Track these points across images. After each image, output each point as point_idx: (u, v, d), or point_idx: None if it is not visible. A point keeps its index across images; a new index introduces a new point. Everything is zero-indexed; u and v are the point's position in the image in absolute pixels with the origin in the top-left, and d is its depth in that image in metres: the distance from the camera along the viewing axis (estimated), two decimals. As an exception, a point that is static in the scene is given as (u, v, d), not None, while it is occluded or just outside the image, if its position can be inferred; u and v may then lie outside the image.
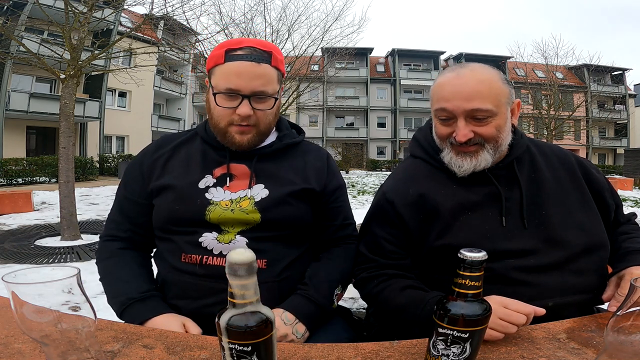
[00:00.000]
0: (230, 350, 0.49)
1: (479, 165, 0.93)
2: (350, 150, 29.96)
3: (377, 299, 0.95)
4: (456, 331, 0.56)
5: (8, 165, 12.94)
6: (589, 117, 26.94)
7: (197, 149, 1.06)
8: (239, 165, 1.02)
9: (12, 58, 7.74)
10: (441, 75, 0.95)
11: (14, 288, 0.50)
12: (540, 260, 0.88)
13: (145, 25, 6.41)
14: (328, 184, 1.07)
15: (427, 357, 0.60)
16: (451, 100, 0.90)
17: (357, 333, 1.06)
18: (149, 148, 1.10)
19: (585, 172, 1.02)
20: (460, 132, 0.90)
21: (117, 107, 20.30)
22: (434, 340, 0.58)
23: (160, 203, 1.00)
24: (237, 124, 0.98)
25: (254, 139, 1.01)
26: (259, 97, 0.96)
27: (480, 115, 0.89)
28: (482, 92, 0.88)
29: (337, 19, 11.53)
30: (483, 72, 0.91)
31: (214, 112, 0.99)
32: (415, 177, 1.01)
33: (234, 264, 0.47)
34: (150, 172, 1.04)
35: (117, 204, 1.08)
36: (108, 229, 1.08)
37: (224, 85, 0.95)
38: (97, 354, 0.55)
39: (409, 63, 32.19)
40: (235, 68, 0.94)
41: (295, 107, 17.68)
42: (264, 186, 1.00)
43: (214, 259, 0.93)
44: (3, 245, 4.98)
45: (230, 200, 0.97)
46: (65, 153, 5.29)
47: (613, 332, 0.50)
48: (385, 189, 1.03)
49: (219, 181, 1.00)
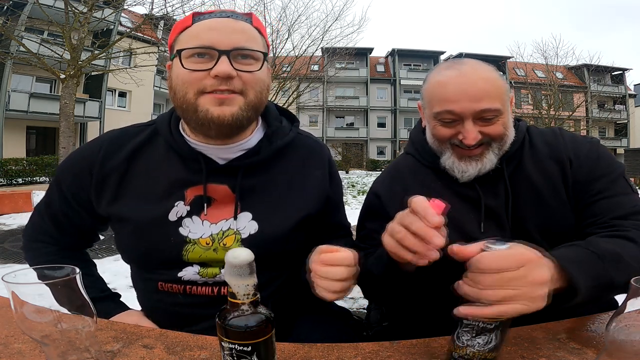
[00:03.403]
0: (230, 350, 0.49)
1: (484, 168, 0.86)
2: (350, 150, 29.98)
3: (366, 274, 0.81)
4: (482, 322, 0.56)
5: (8, 165, 12.96)
6: (589, 117, 26.94)
7: (161, 160, 0.82)
8: (218, 187, 0.81)
9: (12, 58, 7.76)
10: (437, 74, 0.87)
11: (14, 288, 0.50)
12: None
13: (145, 25, 6.42)
14: (331, 197, 0.93)
15: (452, 349, 0.60)
16: (458, 102, 0.83)
17: (357, 333, 1.06)
18: (94, 152, 0.84)
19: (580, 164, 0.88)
20: (470, 135, 0.83)
21: (117, 107, 20.32)
22: (459, 332, 0.58)
23: (121, 238, 0.83)
24: (211, 91, 0.73)
25: (240, 114, 0.75)
26: (242, 54, 0.74)
27: (489, 116, 0.83)
28: (489, 91, 0.83)
29: (337, 19, 11.59)
30: (484, 69, 0.86)
31: (178, 81, 0.74)
32: (401, 173, 0.99)
33: (233, 264, 0.47)
34: (100, 191, 0.82)
35: (48, 212, 0.89)
36: (33, 231, 0.92)
37: (192, 44, 0.73)
38: (97, 354, 0.55)
39: (409, 63, 32.21)
40: (210, 24, 0.74)
41: (295, 107, 17.66)
42: (252, 216, 0.81)
43: (198, 289, 0.81)
44: (3, 245, 4.98)
45: (211, 238, 0.79)
46: (65, 153, 5.30)
47: (613, 332, 0.50)
48: (374, 184, 1.02)
49: (194, 207, 0.80)
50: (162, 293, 0.82)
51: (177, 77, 0.75)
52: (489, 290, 0.54)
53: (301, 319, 0.93)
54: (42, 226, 0.91)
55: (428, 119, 0.91)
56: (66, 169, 0.87)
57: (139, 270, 0.87)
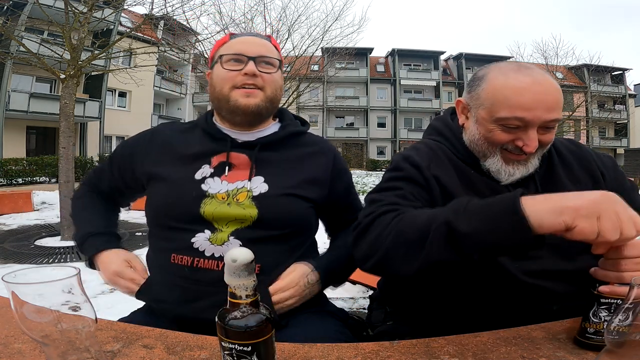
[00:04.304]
0: (230, 350, 0.49)
1: (527, 171, 0.87)
2: (350, 150, 30.01)
3: (395, 227, 0.74)
4: (620, 300, 0.59)
5: (8, 165, 12.96)
6: (589, 117, 26.92)
7: (197, 138, 1.03)
8: (239, 155, 0.99)
9: (12, 58, 7.75)
10: (505, 76, 0.84)
11: (14, 288, 0.50)
12: (545, 265, 0.85)
13: (145, 25, 6.42)
14: (335, 185, 1.04)
15: (585, 326, 0.64)
16: (532, 110, 0.80)
17: (356, 333, 1.06)
18: (145, 133, 1.09)
19: (607, 170, 0.96)
20: (533, 143, 0.82)
21: (117, 107, 20.31)
22: (595, 310, 0.63)
23: (153, 195, 0.98)
24: (241, 87, 0.96)
25: (261, 104, 0.98)
26: (264, 61, 0.99)
27: (553, 125, 0.83)
28: (560, 101, 0.83)
29: (337, 19, 11.55)
30: (550, 77, 0.84)
31: (218, 79, 0.99)
32: (440, 158, 0.93)
33: (233, 264, 0.47)
34: (143, 157, 1.02)
35: (99, 171, 1.14)
36: (88, 179, 1.16)
37: (230, 52, 0.98)
38: (97, 354, 0.55)
39: (409, 63, 32.19)
40: (242, 39, 1.01)
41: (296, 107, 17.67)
42: (264, 180, 0.96)
43: (205, 262, 0.90)
44: (3, 245, 4.98)
45: (226, 193, 0.93)
46: (65, 153, 5.29)
47: (613, 332, 0.50)
48: (407, 154, 0.94)
49: (217, 170, 0.96)
50: (172, 265, 0.91)
51: (217, 76, 1.00)
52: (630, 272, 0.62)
53: (300, 319, 0.93)
54: (91, 179, 1.15)
55: (482, 121, 0.87)
56: (121, 148, 1.10)
57: (156, 238, 0.98)
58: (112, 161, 1.10)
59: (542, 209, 0.61)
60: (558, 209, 0.60)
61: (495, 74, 0.86)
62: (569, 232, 0.60)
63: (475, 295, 0.87)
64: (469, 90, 0.92)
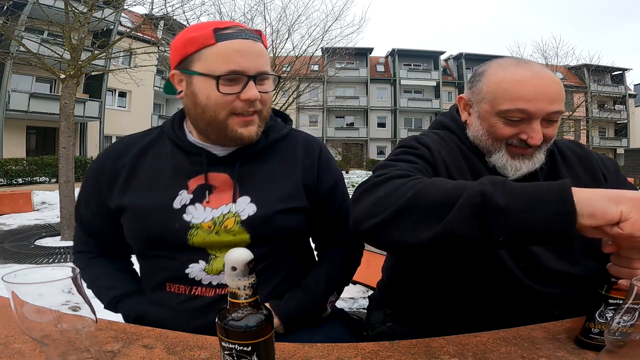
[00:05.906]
0: (230, 350, 0.49)
1: (533, 166, 0.87)
2: (350, 150, 29.96)
3: (413, 187, 0.66)
4: (630, 303, 0.58)
5: (8, 165, 12.95)
6: (589, 117, 26.90)
7: (166, 155, 0.90)
8: (218, 175, 0.87)
9: (12, 58, 7.76)
10: (505, 71, 0.85)
11: (14, 288, 0.50)
12: (548, 267, 0.84)
13: (145, 25, 6.41)
14: (321, 184, 0.96)
15: (590, 325, 0.64)
16: (534, 102, 0.81)
17: (356, 333, 1.06)
18: (108, 155, 0.92)
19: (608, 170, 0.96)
20: (537, 136, 0.82)
21: (117, 107, 20.30)
22: (602, 310, 0.63)
23: (130, 226, 0.87)
24: (239, 114, 0.83)
25: (259, 130, 0.87)
26: (263, 77, 0.84)
27: (555, 118, 0.83)
28: (561, 93, 0.83)
29: (337, 19, 11.54)
30: (550, 72, 0.85)
31: (210, 102, 0.82)
32: (451, 148, 0.92)
33: (233, 264, 0.47)
34: (111, 187, 0.89)
35: (79, 222, 0.97)
36: (76, 244, 0.99)
37: (225, 68, 0.79)
38: (97, 354, 0.55)
39: (409, 63, 32.20)
40: (237, 46, 0.80)
41: (295, 107, 17.67)
42: (250, 199, 0.86)
43: (203, 290, 0.85)
44: (3, 245, 4.98)
45: (212, 221, 0.84)
46: (65, 153, 5.29)
47: (613, 332, 0.50)
48: (417, 137, 0.93)
49: (197, 195, 0.86)
50: (169, 294, 0.86)
51: (208, 97, 0.82)
52: None
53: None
54: (81, 238, 0.98)
55: (485, 116, 0.87)
56: (87, 178, 0.95)
57: (148, 266, 0.90)
58: (86, 204, 0.94)
59: (595, 197, 0.56)
60: (614, 198, 0.55)
61: (495, 69, 0.87)
62: (618, 225, 0.55)
63: (476, 298, 0.87)
64: (470, 86, 0.92)
